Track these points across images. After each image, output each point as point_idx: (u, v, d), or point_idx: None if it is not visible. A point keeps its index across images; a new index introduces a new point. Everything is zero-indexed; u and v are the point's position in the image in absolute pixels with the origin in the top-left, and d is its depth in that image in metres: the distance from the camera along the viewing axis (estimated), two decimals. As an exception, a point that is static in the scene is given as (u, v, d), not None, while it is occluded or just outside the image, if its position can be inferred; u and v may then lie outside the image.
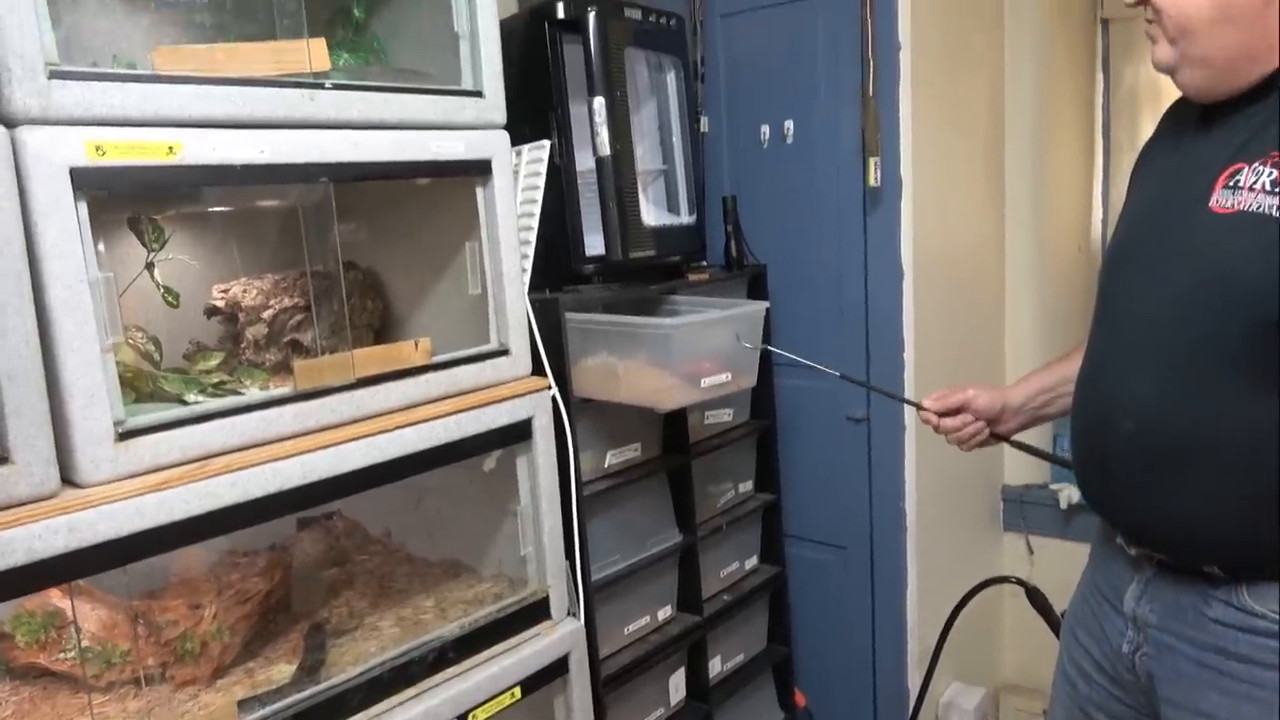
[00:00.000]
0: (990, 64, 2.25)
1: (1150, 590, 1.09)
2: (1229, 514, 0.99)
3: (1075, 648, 1.23)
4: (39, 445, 0.94)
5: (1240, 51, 0.97)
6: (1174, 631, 1.06)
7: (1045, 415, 1.34)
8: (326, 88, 1.19)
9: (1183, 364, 1.01)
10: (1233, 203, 0.97)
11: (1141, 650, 1.10)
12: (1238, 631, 1.00)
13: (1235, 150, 0.99)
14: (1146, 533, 1.08)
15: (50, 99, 0.95)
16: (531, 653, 1.43)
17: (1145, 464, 1.04)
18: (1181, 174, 1.06)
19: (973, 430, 1.35)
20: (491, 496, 1.53)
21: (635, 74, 1.84)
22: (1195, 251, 1.00)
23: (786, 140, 2.08)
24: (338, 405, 1.22)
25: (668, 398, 1.58)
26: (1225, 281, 0.96)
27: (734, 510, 2.03)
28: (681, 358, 1.56)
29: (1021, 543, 2.41)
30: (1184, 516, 1.02)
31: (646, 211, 1.79)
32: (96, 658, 1.20)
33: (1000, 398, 1.33)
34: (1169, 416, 1.02)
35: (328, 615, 1.44)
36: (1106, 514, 1.16)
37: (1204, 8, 0.96)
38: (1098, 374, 1.13)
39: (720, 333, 1.64)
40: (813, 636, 2.21)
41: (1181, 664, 1.05)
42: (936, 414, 1.36)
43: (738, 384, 1.70)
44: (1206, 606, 1.03)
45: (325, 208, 1.32)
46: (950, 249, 2.12)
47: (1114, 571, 1.15)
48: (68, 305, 0.96)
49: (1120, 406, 1.06)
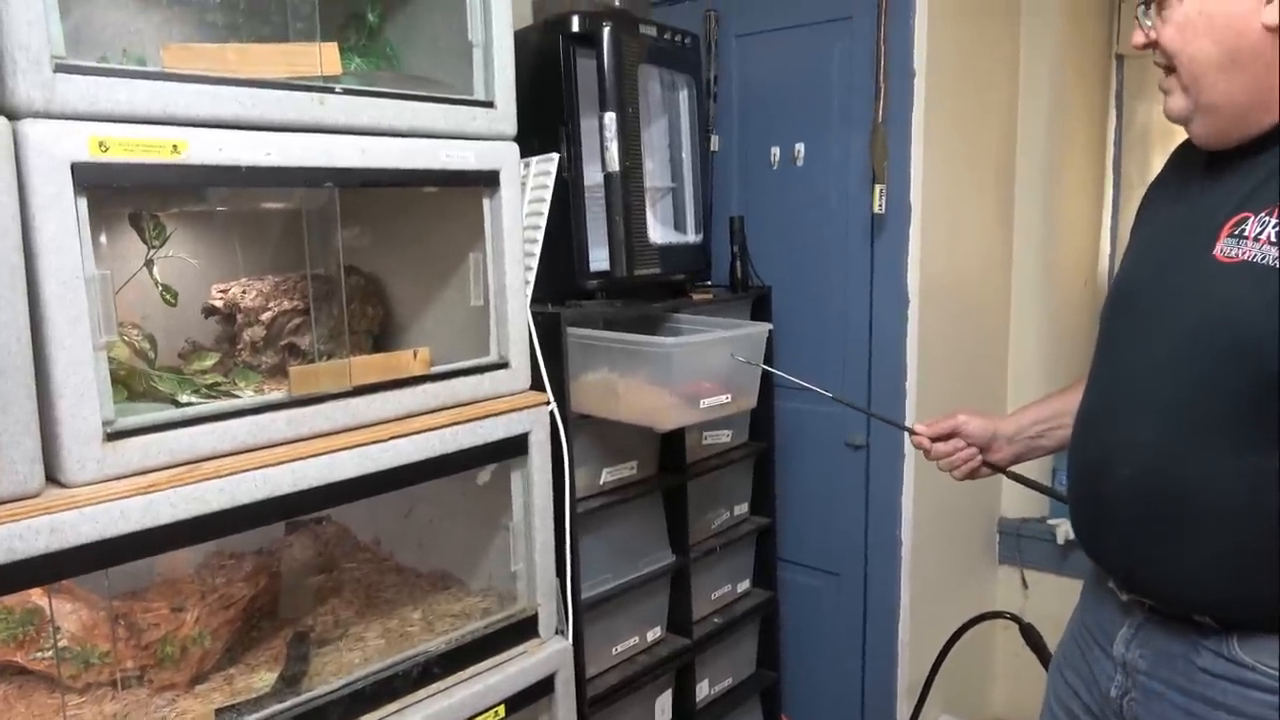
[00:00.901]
0: (1004, 95, 2.24)
1: (1141, 636, 1.08)
2: (1223, 565, 0.98)
3: (1063, 688, 1.22)
4: (24, 443, 0.93)
5: (1249, 98, 0.97)
6: (1163, 679, 1.05)
7: (1040, 447, 1.33)
8: (336, 92, 1.18)
9: (1183, 412, 1.00)
10: (1237, 252, 0.97)
11: (1130, 695, 1.09)
12: (1226, 682, 0.99)
13: (1241, 199, 0.99)
14: (1139, 579, 1.07)
15: (55, 92, 0.93)
16: (518, 671, 1.41)
17: (1141, 510, 1.04)
18: (1187, 221, 1.06)
19: (964, 456, 1.33)
20: (484, 510, 1.52)
21: (648, 90, 1.83)
22: (1198, 300, 1.00)
23: (796, 163, 2.07)
24: (332, 413, 1.20)
25: (666, 417, 1.56)
26: (1227, 331, 0.96)
27: (728, 532, 2.01)
28: (681, 377, 1.55)
29: (1016, 576, 2.39)
30: (1177, 565, 1.01)
31: (653, 229, 1.78)
32: (74, 658, 1.18)
33: (993, 426, 1.33)
34: (1167, 464, 1.01)
35: (312, 623, 1.42)
36: (1099, 557, 1.15)
37: (1214, 55, 0.97)
38: (1097, 415, 1.12)
39: (721, 353, 1.63)
40: (802, 662, 2.19)
41: (1169, 712, 1.04)
42: (929, 439, 1.35)
43: (738, 405, 1.69)
44: (1196, 655, 1.02)
45: (329, 212, 1.31)
46: (956, 278, 2.11)
47: (1105, 615, 1.15)
48: (62, 302, 0.94)
49: (1119, 450, 1.06)
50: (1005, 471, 1.36)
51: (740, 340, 1.65)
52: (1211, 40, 0.97)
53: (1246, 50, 0.96)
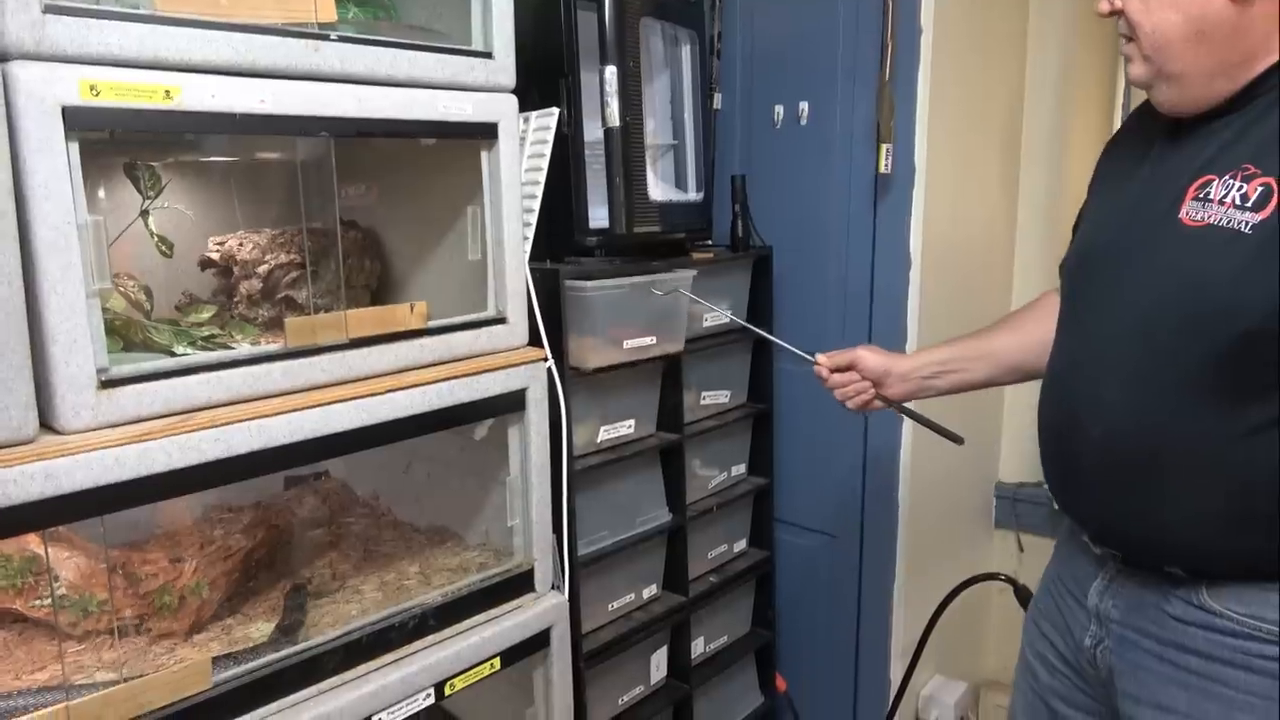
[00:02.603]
0: (1012, 54, 2.21)
1: (1113, 587, 1.12)
2: (1192, 521, 1.01)
3: (1038, 639, 1.26)
4: (18, 389, 0.92)
5: (1213, 69, 0.99)
6: (1135, 627, 1.09)
7: (932, 387, 1.39)
8: (331, 39, 1.16)
9: (1150, 374, 1.02)
10: (1203, 215, 0.99)
11: (1103, 644, 1.13)
12: (1197, 629, 1.03)
13: (1205, 162, 1.01)
14: (1110, 534, 1.11)
15: (44, 33, 0.92)
16: (513, 624, 1.42)
17: (1111, 469, 1.07)
18: (1151, 183, 1.08)
19: (858, 388, 1.41)
20: (481, 465, 1.52)
21: (650, 45, 1.80)
22: (1164, 263, 1.02)
23: (800, 121, 2.04)
24: (329, 365, 1.20)
25: (587, 357, 1.59)
26: (1193, 294, 0.98)
27: (725, 492, 2.01)
28: (606, 320, 1.60)
29: (1012, 540, 2.40)
30: (1148, 522, 1.05)
31: (653, 186, 1.76)
32: (73, 606, 1.19)
33: (888, 363, 1.39)
34: (1136, 425, 1.04)
35: (310, 576, 1.43)
36: (1072, 512, 1.18)
37: (1179, 26, 0.99)
38: (1066, 375, 1.15)
39: (644, 296, 1.67)
40: (797, 622, 2.21)
41: (1142, 658, 1.08)
42: (828, 369, 1.42)
43: (662, 348, 1.73)
44: (1167, 604, 1.06)
45: (326, 164, 1.30)
46: (960, 241, 2.09)
47: (1078, 567, 1.19)
48: (54, 247, 0.94)
49: (1088, 411, 1.08)
50: (897, 406, 1.42)
51: (661, 283, 1.70)
52: (1176, 11, 0.99)
53: (1211, 21, 0.97)
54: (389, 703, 1.26)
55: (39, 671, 1.14)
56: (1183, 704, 1.04)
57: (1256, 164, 0.96)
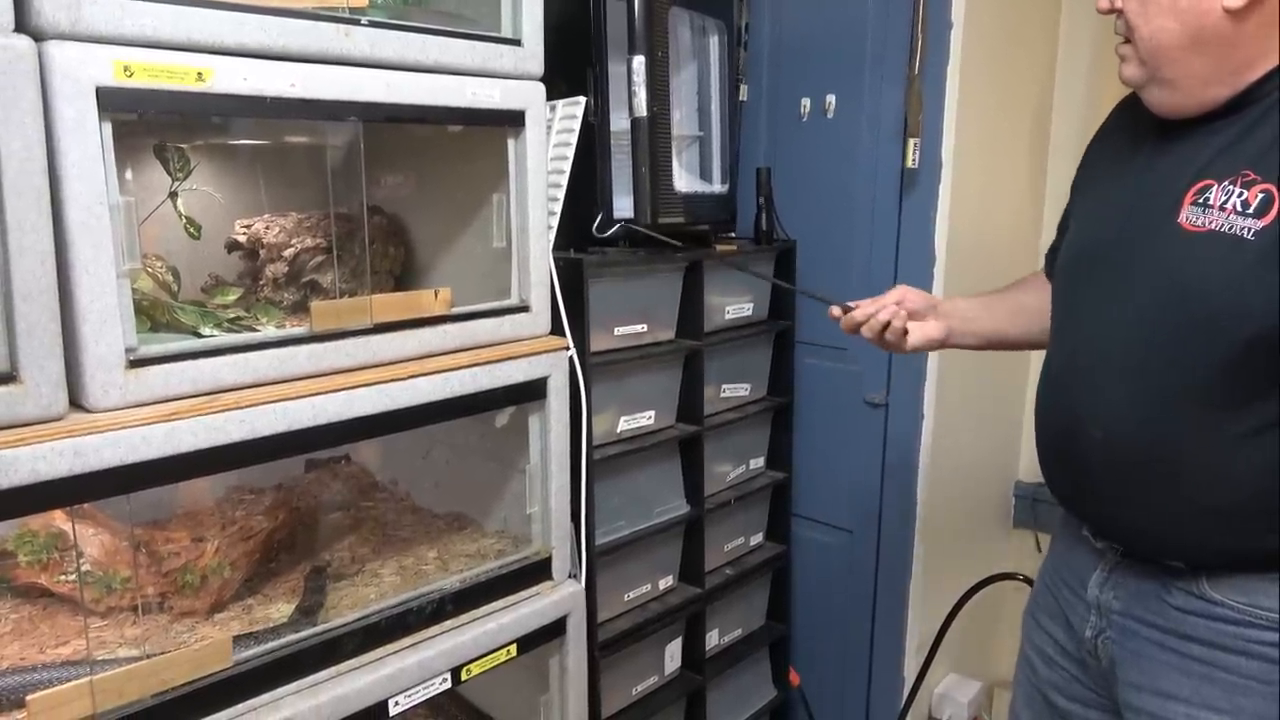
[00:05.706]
0: (1043, 49, 2.18)
1: (1114, 578, 1.13)
2: (1194, 520, 1.02)
3: (1037, 633, 1.27)
4: (49, 367, 0.93)
5: (1209, 76, 0.99)
6: (1136, 616, 1.10)
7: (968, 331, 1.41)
8: (363, 24, 1.16)
9: (1153, 377, 1.02)
10: (1204, 221, 0.98)
11: (1104, 634, 1.14)
12: (1198, 618, 1.04)
13: (1202, 166, 1.01)
14: (1113, 530, 1.12)
15: (80, 14, 0.92)
16: (530, 611, 1.43)
17: (1114, 470, 1.07)
18: (1145, 184, 1.07)
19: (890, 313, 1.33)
20: (501, 453, 1.52)
21: (678, 35, 1.79)
22: (1165, 267, 1.02)
23: (827, 114, 2.03)
24: (353, 349, 1.21)
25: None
26: (1194, 300, 0.98)
27: (743, 485, 2.01)
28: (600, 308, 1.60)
29: (1030, 539, 2.39)
30: (1151, 519, 1.05)
31: (679, 177, 1.75)
32: (97, 582, 1.20)
33: (933, 302, 1.38)
34: (1137, 428, 1.04)
35: (329, 559, 1.44)
36: (1073, 508, 1.19)
37: (1176, 34, 0.99)
38: (1065, 377, 1.15)
39: (640, 286, 1.68)
40: (812, 617, 2.20)
41: (1143, 647, 1.09)
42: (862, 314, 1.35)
43: (654, 335, 1.74)
44: (1168, 594, 1.07)
45: (354, 149, 1.30)
46: (985, 239, 2.07)
47: (1077, 559, 1.19)
48: (86, 227, 0.94)
49: (1089, 413, 1.09)
50: None
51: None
52: (1174, 19, 0.99)
53: (1209, 30, 0.97)
54: (406, 686, 1.27)
55: (62, 646, 1.15)
56: (1186, 690, 1.05)
57: (1256, 170, 0.96)
